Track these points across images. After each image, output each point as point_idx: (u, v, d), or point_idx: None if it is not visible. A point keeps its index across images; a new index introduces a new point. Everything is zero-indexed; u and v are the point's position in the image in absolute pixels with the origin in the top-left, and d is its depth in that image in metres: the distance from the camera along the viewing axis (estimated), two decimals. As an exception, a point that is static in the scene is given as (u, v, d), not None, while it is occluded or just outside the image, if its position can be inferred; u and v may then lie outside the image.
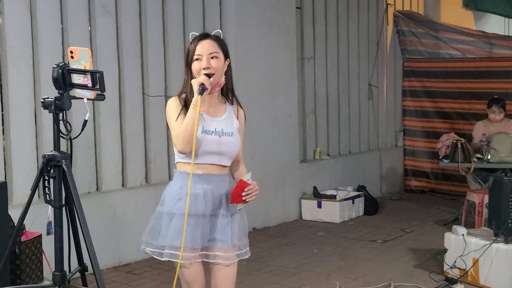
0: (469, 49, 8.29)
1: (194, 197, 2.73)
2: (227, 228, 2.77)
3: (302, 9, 7.33)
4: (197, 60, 2.76)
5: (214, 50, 2.76)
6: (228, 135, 2.79)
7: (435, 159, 7.49)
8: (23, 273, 3.47)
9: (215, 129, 2.77)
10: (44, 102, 2.79)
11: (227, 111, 2.85)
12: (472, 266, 4.48)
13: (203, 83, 2.65)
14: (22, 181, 4.61)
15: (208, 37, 2.80)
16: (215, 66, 2.75)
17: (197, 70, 2.75)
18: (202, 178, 2.75)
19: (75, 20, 5.01)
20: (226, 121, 2.82)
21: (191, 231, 2.70)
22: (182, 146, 2.68)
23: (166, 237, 2.73)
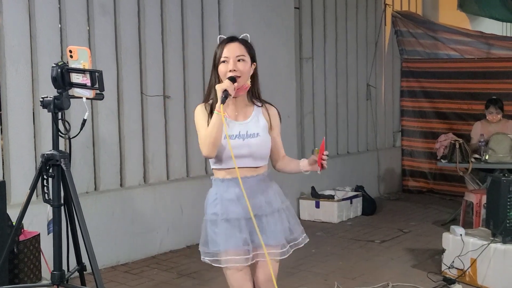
0: (467, 49, 8.30)
1: (229, 201, 2.77)
2: (274, 227, 2.80)
3: (301, 10, 7.34)
4: (223, 62, 2.77)
5: (241, 53, 2.79)
6: (253, 137, 2.79)
7: (433, 160, 7.50)
8: (22, 272, 3.47)
9: (239, 132, 2.79)
10: (43, 101, 2.79)
11: (253, 113, 2.86)
12: (470, 266, 4.49)
13: (226, 90, 2.66)
14: (21, 181, 4.60)
15: (235, 40, 2.83)
16: (241, 69, 2.76)
17: (223, 73, 2.76)
18: (234, 182, 2.76)
19: (74, 20, 5.01)
20: (251, 123, 2.83)
21: (233, 234, 2.73)
22: (207, 151, 2.71)
23: (217, 244, 2.76)
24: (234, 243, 2.73)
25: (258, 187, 2.82)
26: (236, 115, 2.83)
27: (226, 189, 2.78)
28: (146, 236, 5.47)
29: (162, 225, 5.60)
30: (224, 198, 2.78)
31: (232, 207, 2.76)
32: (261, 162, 2.85)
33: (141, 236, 5.44)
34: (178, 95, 5.82)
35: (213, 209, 2.79)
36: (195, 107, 2.87)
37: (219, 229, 2.75)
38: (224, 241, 2.74)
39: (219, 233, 2.75)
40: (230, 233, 2.74)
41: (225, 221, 2.75)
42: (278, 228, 2.81)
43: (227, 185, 2.78)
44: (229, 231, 2.74)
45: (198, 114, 2.81)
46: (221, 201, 2.78)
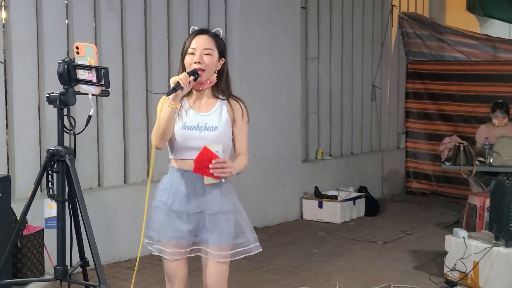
0: (473, 52, 8.27)
1: (178, 193, 2.76)
2: (216, 227, 2.74)
3: (307, 9, 7.33)
4: (191, 54, 2.75)
5: (208, 47, 2.75)
6: (211, 130, 2.74)
7: (437, 162, 7.49)
8: (25, 267, 3.48)
9: (198, 124, 2.75)
10: (49, 97, 2.79)
11: (216, 106, 2.80)
12: (472, 269, 4.48)
13: (179, 82, 2.63)
14: (25, 175, 4.62)
15: (206, 33, 2.79)
16: (206, 63, 2.73)
17: (188, 64, 2.75)
18: (187, 175, 2.75)
19: (80, 16, 5.02)
20: (212, 116, 2.77)
21: (175, 226, 2.74)
22: (155, 142, 2.72)
23: (154, 230, 2.79)
24: (170, 235, 2.73)
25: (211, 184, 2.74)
26: (198, 107, 2.79)
27: (178, 180, 2.77)
28: (149, 233, 5.47)
29: (165, 222, 5.60)
30: (174, 189, 2.76)
31: (180, 198, 2.75)
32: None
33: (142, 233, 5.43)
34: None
35: (161, 197, 2.79)
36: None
37: (159, 216, 2.76)
38: (162, 231, 2.75)
39: (160, 222, 2.76)
40: (169, 224, 2.74)
41: (170, 212, 2.75)
42: (222, 230, 2.74)
43: (180, 176, 2.76)
44: (169, 222, 2.74)
45: (159, 104, 2.76)
46: (170, 190, 2.77)
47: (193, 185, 2.75)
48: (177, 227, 2.74)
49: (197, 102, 2.80)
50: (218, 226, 2.75)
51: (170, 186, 2.79)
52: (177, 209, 2.75)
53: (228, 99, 2.82)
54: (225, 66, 2.84)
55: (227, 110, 2.80)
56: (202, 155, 2.62)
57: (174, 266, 2.81)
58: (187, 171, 2.75)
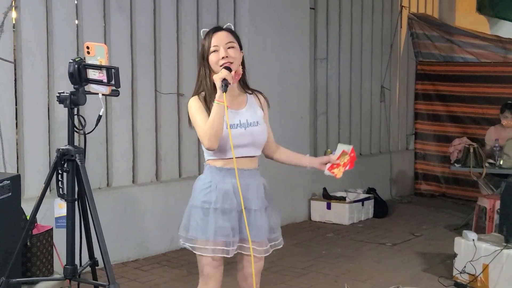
0: (483, 53, 8.23)
1: (223, 191, 2.75)
2: (262, 223, 2.78)
3: (316, 10, 7.32)
4: (214, 51, 2.76)
5: (230, 40, 2.79)
6: (254, 125, 2.78)
7: (447, 163, 7.45)
8: (34, 266, 3.49)
9: (240, 121, 2.76)
10: (60, 97, 2.80)
11: (248, 101, 2.85)
12: (482, 272, 4.46)
13: (225, 78, 2.65)
14: (34, 175, 4.64)
15: (222, 29, 2.82)
16: (233, 55, 2.76)
17: (215, 62, 2.75)
18: (231, 173, 2.74)
19: (90, 16, 5.04)
20: (250, 112, 2.81)
21: (220, 224, 2.72)
22: (209, 143, 2.67)
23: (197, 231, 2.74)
24: (217, 233, 2.72)
25: (253, 181, 2.80)
26: (233, 104, 2.79)
27: (222, 179, 2.75)
28: (157, 233, 5.48)
29: (173, 222, 5.58)
30: (219, 188, 2.75)
31: (227, 197, 2.74)
32: (258, 151, 2.86)
33: (152, 233, 5.45)
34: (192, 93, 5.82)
35: (205, 197, 2.76)
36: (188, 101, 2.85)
37: (208, 217, 2.72)
38: (208, 230, 2.72)
39: (209, 222, 2.73)
40: (220, 223, 2.72)
41: (217, 211, 2.73)
42: (264, 225, 2.80)
43: (224, 175, 2.75)
44: (219, 221, 2.72)
45: (193, 106, 2.77)
46: (215, 189, 2.75)
47: (236, 183, 2.72)
48: (224, 225, 2.73)
49: (229, 99, 2.75)
50: (263, 221, 2.79)
51: (215, 184, 2.75)
52: (223, 207, 2.73)
53: (253, 93, 2.90)
54: (243, 58, 2.88)
55: (258, 104, 2.87)
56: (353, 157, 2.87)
57: (216, 266, 2.78)
58: (230, 169, 2.74)
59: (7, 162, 4.51)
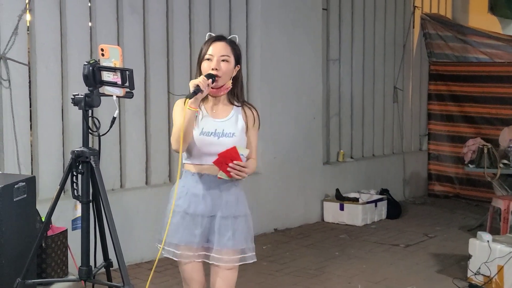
0: (497, 53, 8.17)
1: (194, 196, 2.79)
2: (227, 231, 2.78)
3: (328, 11, 7.31)
4: (208, 60, 2.79)
5: (226, 53, 2.80)
6: (228, 136, 2.79)
7: (460, 164, 7.40)
8: (49, 267, 3.51)
9: (215, 130, 2.79)
10: (74, 99, 2.81)
11: (232, 113, 2.86)
12: (496, 273, 4.43)
13: (198, 85, 2.66)
14: (49, 176, 4.67)
15: (222, 40, 2.84)
16: (224, 69, 2.78)
17: (205, 70, 2.79)
18: (204, 179, 2.79)
19: (103, 18, 5.07)
20: (229, 122, 2.83)
21: (189, 229, 2.76)
22: (175, 145, 2.74)
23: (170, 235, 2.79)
24: (182, 238, 2.75)
25: (225, 188, 2.81)
26: (214, 113, 2.83)
27: (194, 184, 2.79)
28: (171, 235, 5.49)
29: (186, 223, 5.61)
30: (190, 192, 2.79)
31: (195, 202, 2.77)
32: None
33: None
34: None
35: (177, 201, 2.80)
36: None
37: (176, 221, 2.77)
38: (178, 234, 2.77)
39: (176, 225, 2.77)
40: (186, 228, 2.76)
41: (184, 215, 2.77)
42: (231, 234, 2.78)
43: (196, 180, 2.79)
44: (186, 225, 2.76)
45: (175, 108, 2.83)
46: (186, 194, 2.80)
47: (209, 189, 2.79)
48: (191, 230, 2.77)
49: (213, 108, 2.84)
50: (228, 229, 2.79)
51: (186, 189, 2.81)
52: (192, 212, 2.78)
53: (242, 106, 2.89)
54: (240, 73, 2.89)
55: (242, 117, 2.86)
56: (228, 153, 2.67)
57: (189, 270, 2.84)
58: (203, 175, 2.79)
59: (21, 164, 4.54)
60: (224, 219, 2.79)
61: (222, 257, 2.78)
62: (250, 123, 2.87)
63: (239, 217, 2.83)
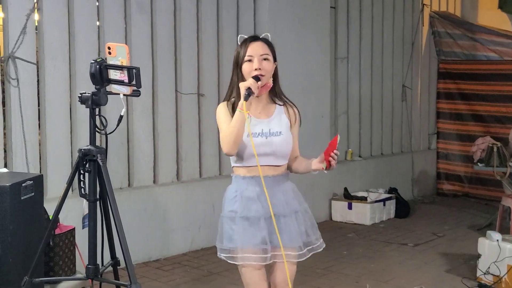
0: (506, 51, 8.11)
1: (248, 200, 2.76)
2: (292, 228, 2.78)
3: (337, 9, 7.28)
4: (248, 61, 2.78)
5: (265, 52, 2.80)
6: (276, 135, 2.80)
7: (469, 163, 7.36)
8: (56, 265, 3.52)
9: (262, 130, 2.79)
10: (81, 97, 2.82)
11: (276, 112, 2.87)
12: (506, 273, 4.40)
13: (250, 88, 2.67)
14: (56, 175, 4.68)
15: (258, 39, 2.84)
16: (266, 68, 2.78)
17: (248, 71, 2.77)
18: (255, 181, 2.77)
19: (111, 17, 5.07)
20: (274, 121, 2.83)
21: (251, 233, 2.72)
22: (228, 148, 2.72)
23: (232, 241, 2.75)
24: (252, 241, 2.72)
25: (278, 187, 2.81)
26: (259, 113, 2.83)
27: (246, 187, 2.78)
28: (178, 233, 5.50)
29: (194, 222, 5.62)
30: (244, 196, 2.77)
31: (252, 205, 2.75)
32: (282, 160, 2.85)
33: (173, 233, 5.47)
34: (212, 94, 5.84)
35: (232, 206, 2.79)
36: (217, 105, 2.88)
37: (237, 226, 2.75)
38: (242, 238, 2.73)
39: (237, 230, 2.74)
40: (248, 231, 2.73)
41: (244, 219, 2.74)
42: (296, 230, 2.79)
43: (248, 182, 2.78)
44: (247, 229, 2.73)
45: (220, 111, 2.82)
46: (241, 198, 2.77)
47: (262, 190, 2.73)
48: (255, 233, 2.74)
49: (257, 108, 2.83)
50: (294, 226, 2.79)
51: (240, 193, 2.79)
52: (251, 215, 2.74)
53: (284, 104, 2.91)
54: (277, 69, 2.90)
55: (286, 114, 2.88)
56: (334, 142, 2.72)
57: (256, 276, 2.76)
58: (254, 177, 2.77)
59: (30, 162, 4.56)
60: (285, 217, 2.78)
61: (292, 253, 2.77)
62: (293, 121, 2.90)
63: (299, 211, 2.84)
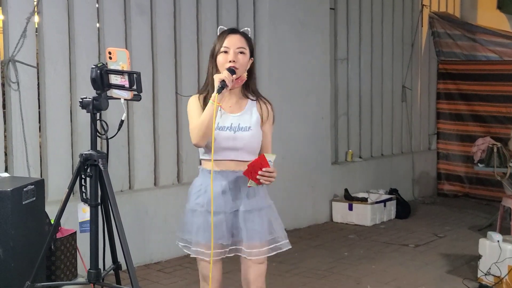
0: (506, 51, 8.11)
1: (213, 193, 2.75)
2: (254, 224, 2.77)
3: (336, 10, 7.28)
4: (224, 52, 2.77)
5: (242, 45, 2.79)
6: (244, 130, 2.79)
7: (470, 163, 7.36)
8: (58, 269, 3.53)
9: (231, 124, 2.78)
10: (82, 102, 2.82)
11: (247, 106, 2.85)
12: (507, 274, 4.40)
13: (224, 80, 2.66)
14: (58, 178, 4.69)
15: (237, 32, 2.83)
16: (241, 61, 2.77)
17: (222, 63, 2.77)
18: (221, 175, 2.78)
19: (111, 20, 5.08)
20: (244, 116, 2.82)
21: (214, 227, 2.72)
22: (196, 139, 2.73)
23: (191, 233, 2.79)
24: (207, 236, 2.72)
25: (243, 182, 2.78)
26: (230, 107, 2.82)
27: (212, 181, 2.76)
28: (179, 235, 5.49)
29: (195, 224, 5.62)
30: (208, 190, 2.76)
31: (216, 199, 2.74)
32: (249, 156, 2.81)
33: (174, 235, 5.45)
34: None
35: (196, 199, 2.80)
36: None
37: (197, 219, 2.77)
38: (198, 232, 2.75)
39: (196, 223, 2.77)
40: (206, 226, 2.73)
41: (205, 213, 2.75)
42: (259, 227, 2.78)
43: (214, 176, 2.76)
44: (206, 223, 2.74)
45: (191, 104, 2.83)
46: (205, 192, 2.78)
47: (227, 185, 2.77)
48: (218, 227, 2.75)
49: (228, 102, 2.82)
50: (252, 223, 2.78)
51: (205, 187, 2.79)
52: (215, 210, 2.74)
53: (257, 100, 2.88)
54: (253, 65, 2.89)
55: (257, 110, 2.85)
56: (257, 162, 2.66)
57: (214, 268, 2.79)
58: (220, 171, 2.77)
59: (31, 166, 4.56)
60: (248, 212, 2.78)
61: (252, 251, 2.78)
62: (265, 117, 2.86)
63: (263, 209, 2.82)
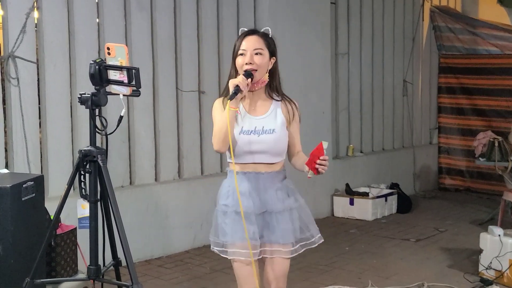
0: (507, 45, 8.07)
1: (241, 195, 2.75)
2: (283, 225, 2.77)
3: (337, 4, 7.26)
4: (241, 55, 2.77)
5: (259, 46, 2.77)
6: (269, 133, 2.77)
7: (471, 157, 7.35)
8: (58, 265, 3.53)
9: (255, 128, 2.77)
10: (81, 98, 2.81)
11: (271, 108, 2.83)
12: (508, 268, 4.40)
13: (238, 85, 2.64)
14: (57, 174, 4.69)
15: (255, 33, 2.81)
16: (258, 63, 2.74)
17: (240, 65, 2.76)
18: (248, 177, 2.78)
19: (111, 16, 5.07)
20: (268, 119, 2.80)
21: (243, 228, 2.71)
22: (217, 146, 2.73)
23: (226, 235, 2.77)
24: (241, 236, 2.72)
25: (271, 184, 2.80)
26: (253, 110, 2.81)
27: (239, 183, 2.77)
28: (180, 231, 5.50)
29: (195, 220, 5.63)
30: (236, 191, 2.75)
31: (243, 201, 2.74)
32: (276, 158, 2.82)
33: (175, 231, 5.48)
34: (213, 91, 5.83)
35: (225, 201, 2.80)
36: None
37: (228, 220, 2.76)
38: (232, 233, 2.74)
39: (228, 224, 2.76)
40: (238, 226, 2.73)
41: (235, 213, 2.75)
42: (288, 227, 2.78)
43: (241, 178, 2.78)
44: (238, 223, 2.73)
45: (215, 108, 2.83)
46: (233, 193, 2.77)
47: (256, 186, 2.77)
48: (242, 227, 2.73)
49: (252, 104, 2.81)
50: (287, 223, 2.78)
51: (233, 189, 2.79)
52: (244, 210, 2.74)
53: (282, 100, 2.86)
54: (276, 65, 2.86)
55: (282, 111, 2.84)
56: (318, 150, 2.66)
57: (246, 271, 2.77)
58: (246, 173, 2.79)
59: (31, 162, 4.56)
60: (277, 214, 2.78)
61: (283, 250, 2.78)
62: (290, 117, 2.86)
63: (294, 208, 2.83)
